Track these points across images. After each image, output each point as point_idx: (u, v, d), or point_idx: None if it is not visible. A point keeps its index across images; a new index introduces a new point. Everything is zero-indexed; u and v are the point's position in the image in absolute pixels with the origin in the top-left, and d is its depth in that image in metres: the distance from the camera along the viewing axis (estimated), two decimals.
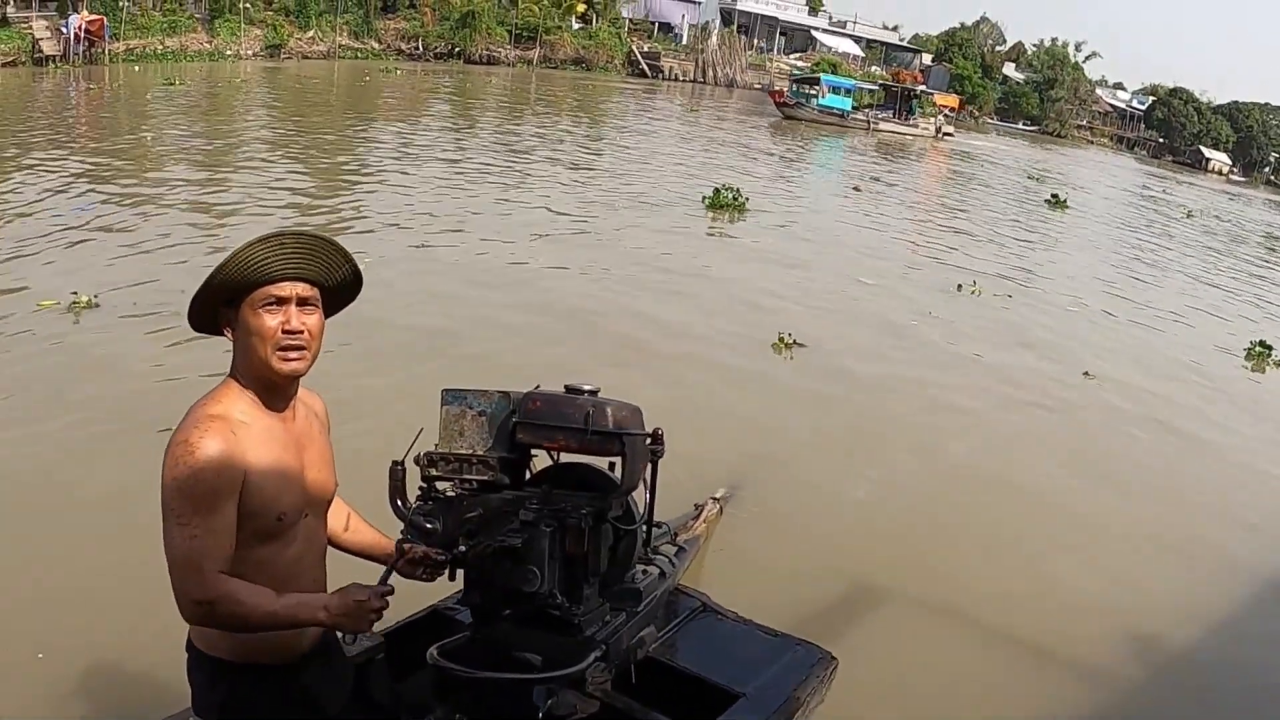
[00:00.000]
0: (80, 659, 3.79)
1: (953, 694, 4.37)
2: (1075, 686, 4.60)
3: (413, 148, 18.11)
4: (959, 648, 4.72)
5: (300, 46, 36.45)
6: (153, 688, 3.45)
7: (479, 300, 8.92)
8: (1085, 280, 14.98)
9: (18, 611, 4.01)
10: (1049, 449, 7.50)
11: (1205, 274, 18.84)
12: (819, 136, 35.07)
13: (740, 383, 7.89)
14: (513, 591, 2.54)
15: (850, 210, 18.75)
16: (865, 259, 13.63)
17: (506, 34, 43.96)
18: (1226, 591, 5.73)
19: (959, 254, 15.22)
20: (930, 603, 5.01)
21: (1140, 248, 20.69)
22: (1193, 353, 11.59)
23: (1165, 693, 4.69)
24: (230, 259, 1.98)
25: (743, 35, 56.89)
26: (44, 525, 4.65)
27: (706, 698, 3.06)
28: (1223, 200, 44.07)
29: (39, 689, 3.64)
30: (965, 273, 13.36)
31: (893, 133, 41.93)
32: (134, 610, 3.90)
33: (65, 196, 11.27)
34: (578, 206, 14.35)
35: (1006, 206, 23.79)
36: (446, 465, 2.66)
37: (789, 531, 5.52)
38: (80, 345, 6.92)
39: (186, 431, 1.96)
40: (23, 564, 4.34)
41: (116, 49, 29.23)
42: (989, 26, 69.39)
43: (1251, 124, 72.16)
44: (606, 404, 2.66)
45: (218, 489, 1.94)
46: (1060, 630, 4.92)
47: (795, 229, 15.37)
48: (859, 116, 41.83)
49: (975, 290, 12.29)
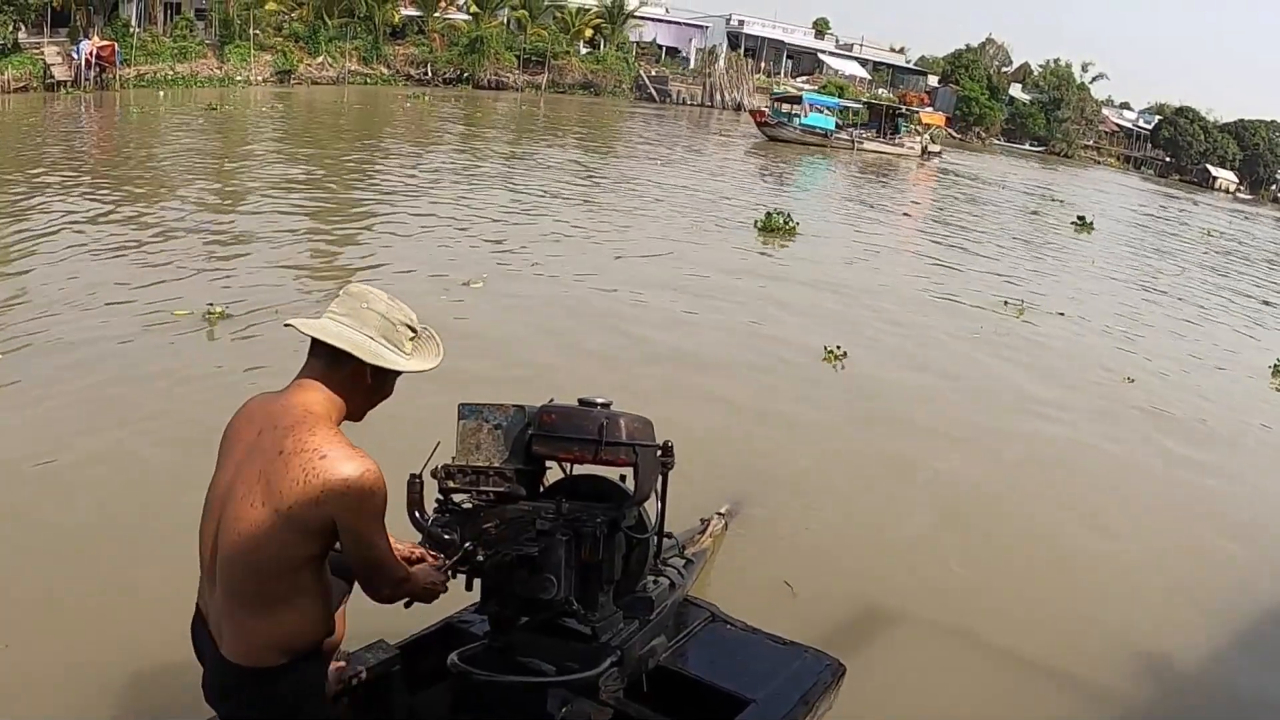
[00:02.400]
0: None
1: (958, 710, 4.35)
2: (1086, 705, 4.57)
3: (476, 174, 19.04)
4: (968, 665, 4.68)
5: (310, 72, 36.87)
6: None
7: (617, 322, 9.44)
8: (1109, 299, 15.03)
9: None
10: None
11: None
12: (803, 158, 34.11)
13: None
14: (530, 600, 2.61)
15: (874, 232, 18.81)
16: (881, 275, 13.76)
17: (515, 59, 44.37)
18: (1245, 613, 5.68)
19: (1001, 278, 15.33)
20: (940, 620, 4.96)
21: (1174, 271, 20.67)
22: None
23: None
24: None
25: (749, 59, 57.19)
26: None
27: (717, 705, 3.09)
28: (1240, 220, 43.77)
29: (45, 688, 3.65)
30: (1017, 290, 13.62)
31: (878, 152, 40.78)
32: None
33: (181, 216, 12.22)
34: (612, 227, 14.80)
35: (1029, 229, 23.84)
36: (464, 477, 2.73)
37: (798, 544, 5.51)
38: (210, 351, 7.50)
39: (361, 461, 2.19)
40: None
41: (127, 74, 29.59)
42: (995, 48, 69.67)
43: (1258, 141, 72.09)
44: (619, 416, 2.72)
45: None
46: (1070, 649, 4.86)
47: (843, 250, 15.68)
48: (843, 136, 40.65)
49: (1021, 311, 12.37)
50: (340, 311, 2.32)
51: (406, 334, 2.35)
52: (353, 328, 2.28)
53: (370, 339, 2.28)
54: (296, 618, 2.23)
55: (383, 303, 2.33)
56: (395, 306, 2.35)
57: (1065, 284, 15.80)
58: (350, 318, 2.30)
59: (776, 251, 14.70)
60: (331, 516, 2.16)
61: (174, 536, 3.28)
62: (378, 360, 2.27)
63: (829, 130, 40.23)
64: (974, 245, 18.60)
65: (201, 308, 8.14)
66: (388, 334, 2.31)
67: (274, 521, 2.15)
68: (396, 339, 2.33)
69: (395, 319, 2.33)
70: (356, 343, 2.26)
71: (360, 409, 2.37)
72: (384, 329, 2.31)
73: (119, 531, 4.81)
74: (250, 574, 2.19)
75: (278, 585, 2.20)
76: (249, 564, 2.18)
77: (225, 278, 9.46)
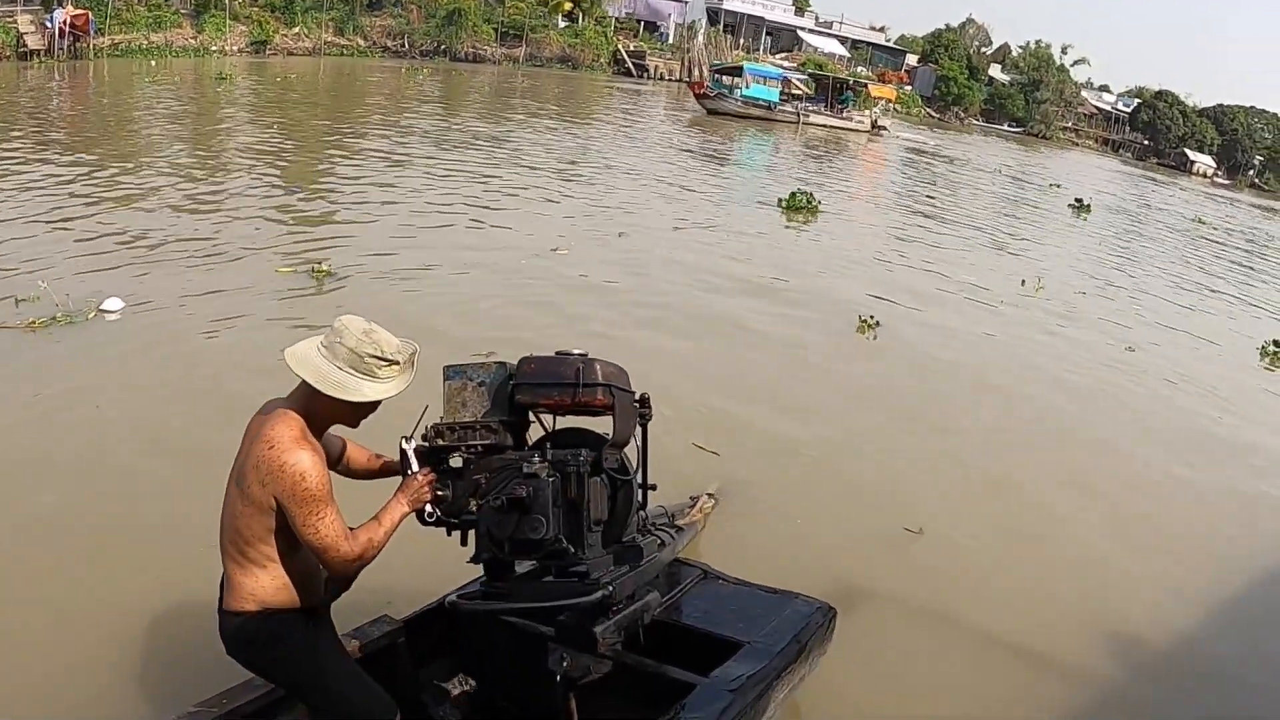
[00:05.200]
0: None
1: (938, 693, 4.42)
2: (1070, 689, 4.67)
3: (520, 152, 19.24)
4: (952, 649, 4.74)
5: (285, 43, 36.57)
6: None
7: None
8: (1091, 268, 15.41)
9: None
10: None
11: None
12: (745, 133, 32.51)
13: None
14: (522, 541, 2.75)
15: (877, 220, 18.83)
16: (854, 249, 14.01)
17: (493, 32, 44.18)
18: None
19: (1021, 258, 15.83)
20: (918, 603, 5.06)
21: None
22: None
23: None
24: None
25: (729, 35, 57.09)
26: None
27: (712, 651, 3.22)
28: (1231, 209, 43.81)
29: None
30: (1032, 268, 14.23)
31: (824, 126, 39.32)
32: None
33: (272, 182, 12.98)
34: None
35: (1031, 212, 24.14)
36: (452, 434, 2.87)
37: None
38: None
39: (299, 453, 2.57)
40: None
41: (101, 44, 29.27)
42: (975, 28, 69.75)
43: (1236, 127, 72.49)
44: (595, 361, 2.91)
45: (330, 487, 2.63)
46: (1050, 631, 4.99)
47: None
48: (787, 109, 38.90)
49: (1040, 288, 13.03)
50: (324, 342, 2.69)
51: (376, 364, 2.66)
52: (325, 358, 2.65)
53: (337, 369, 2.63)
54: (269, 580, 2.67)
55: (354, 338, 2.65)
56: (367, 341, 2.66)
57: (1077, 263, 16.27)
58: (327, 349, 2.66)
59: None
60: (275, 497, 2.58)
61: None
62: (334, 391, 2.63)
63: (772, 102, 38.52)
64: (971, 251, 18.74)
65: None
66: (355, 365, 2.65)
67: (240, 497, 2.64)
68: (365, 369, 2.65)
69: (364, 352, 2.64)
70: (321, 373, 2.63)
71: (349, 419, 2.74)
72: (352, 361, 2.64)
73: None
74: (231, 540, 2.69)
75: (251, 550, 2.65)
76: (230, 531, 2.69)
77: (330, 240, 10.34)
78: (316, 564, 2.72)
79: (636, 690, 3.11)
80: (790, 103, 39.62)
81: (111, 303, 7.52)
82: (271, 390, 2.88)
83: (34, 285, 7.50)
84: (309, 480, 2.54)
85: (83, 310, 7.32)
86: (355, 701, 2.76)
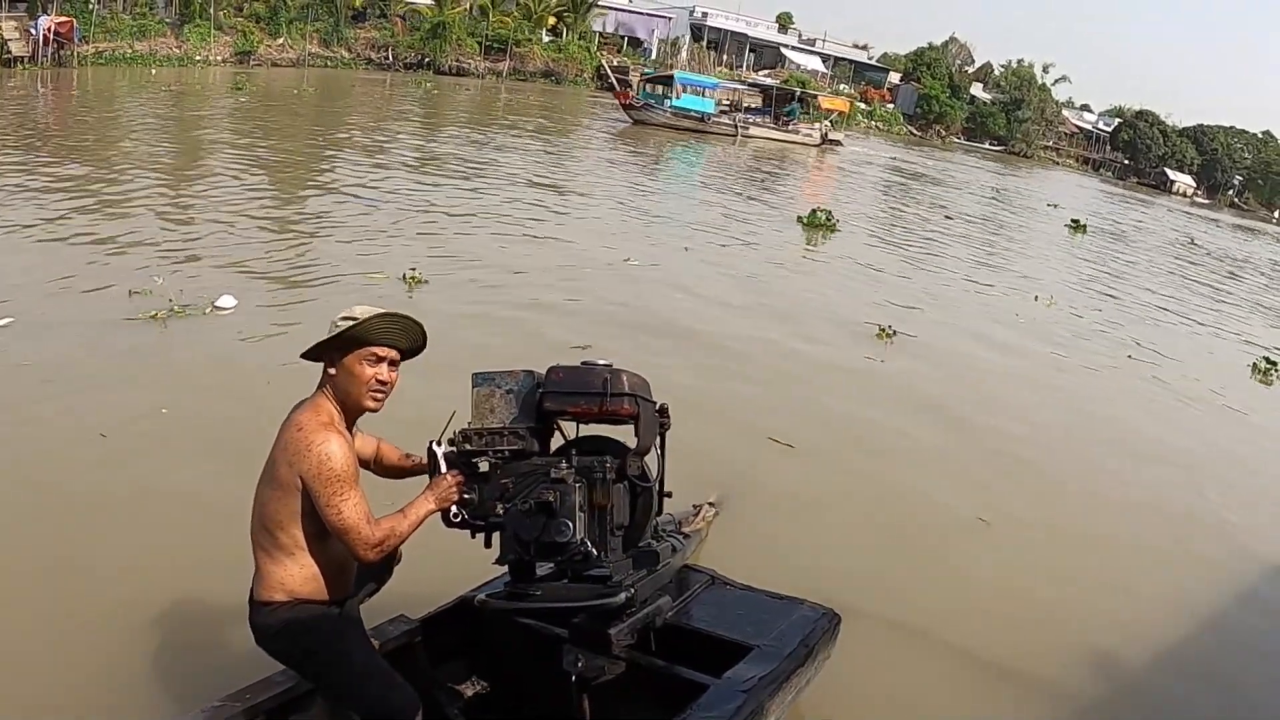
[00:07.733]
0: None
1: (938, 698, 4.46)
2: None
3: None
4: (935, 663, 4.75)
5: (270, 53, 36.59)
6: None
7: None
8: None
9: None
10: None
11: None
12: (673, 147, 30.25)
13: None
14: (548, 544, 2.81)
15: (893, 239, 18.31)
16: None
17: (477, 45, 44.25)
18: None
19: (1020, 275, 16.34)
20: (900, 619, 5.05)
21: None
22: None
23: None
24: (361, 324, 2.74)
25: (712, 51, 57.48)
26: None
27: (722, 654, 3.29)
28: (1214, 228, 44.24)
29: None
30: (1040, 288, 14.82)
31: (768, 139, 37.01)
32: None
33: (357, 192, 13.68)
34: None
35: (1028, 234, 24.52)
36: (480, 439, 2.93)
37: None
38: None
39: (325, 434, 2.68)
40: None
41: (85, 51, 29.31)
42: (958, 47, 70.31)
43: (1216, 147, 73.15)
44: (621, 372, 2.97)
45: (356, 471, 2.74)
46: (1054, 643, 5.04)
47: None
48: (724, 121, 36.44)
49: (1050, 303, 13.70)
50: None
51: (342, 323, 2.78)
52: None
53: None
54: (298, 570, 2.77)
55: (338, 315, 2.82)
56: (342, 313, 2.81)
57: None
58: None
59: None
60: (301, 477, 2.67)
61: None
62: (305, 349, 2.82)
63: (706, 113, 36.04)
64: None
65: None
66: (329, 331, 2.81)
67: (269, 482, 2.76)
68: (333, 331, 2.80)
69: (335, 319, 2.80)
70: (309, 347, 2.82)
71: (357, 397, 2.80)
72: (329, 330, 2.81)
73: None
74: (261, 527, 2.79)
75: (280, 535, 2.75)
76: (259, 518, 2.80)
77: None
78: (346, 557, 2.79)
79: (648, 692, 3.18)
80: (729, 114, 37.51)
81: (225, 300, 8.07)
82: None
83: (147, 279, 8.19)
84: (334, 460, 2.65)
85: (198, 305, 7.88)
86: (381, 695, 2.80)
